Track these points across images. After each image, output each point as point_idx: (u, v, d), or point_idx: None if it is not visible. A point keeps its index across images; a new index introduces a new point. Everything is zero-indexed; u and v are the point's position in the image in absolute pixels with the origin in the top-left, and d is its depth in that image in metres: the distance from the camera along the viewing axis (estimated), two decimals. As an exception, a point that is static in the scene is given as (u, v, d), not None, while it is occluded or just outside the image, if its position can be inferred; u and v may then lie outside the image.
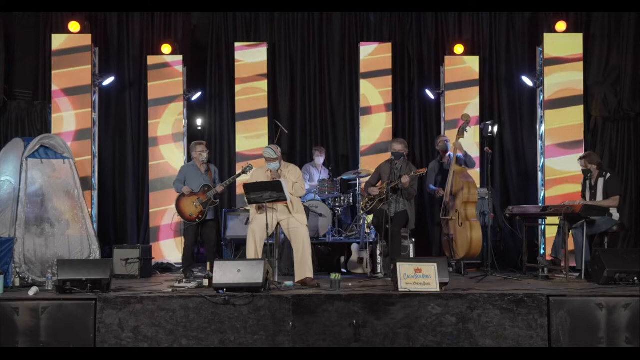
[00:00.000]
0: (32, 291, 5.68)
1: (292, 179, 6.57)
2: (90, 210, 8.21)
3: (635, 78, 9.01)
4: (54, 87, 8.85)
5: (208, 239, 7.49)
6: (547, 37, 8.93)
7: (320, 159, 8.83)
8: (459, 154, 7.73)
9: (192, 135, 9.37)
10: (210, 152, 9.38)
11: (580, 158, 7.44)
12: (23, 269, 6.57)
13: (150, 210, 9.10)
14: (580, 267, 6.80)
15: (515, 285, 6.29)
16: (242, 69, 9.34)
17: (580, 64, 8.92)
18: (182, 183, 7.37)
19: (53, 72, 8.86)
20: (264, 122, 9.31)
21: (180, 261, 8.50)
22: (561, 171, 8.79)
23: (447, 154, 7.96)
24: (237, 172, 7.48)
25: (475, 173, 8.91)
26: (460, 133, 7.67)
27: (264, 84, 9.36)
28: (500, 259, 7.60)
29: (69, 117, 8.80)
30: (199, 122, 9.50)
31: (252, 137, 9.26)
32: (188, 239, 7.44)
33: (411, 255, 7.68)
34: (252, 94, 9.31)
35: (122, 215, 9.45)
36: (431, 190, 8.05)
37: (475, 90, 9.23)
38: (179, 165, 9.04)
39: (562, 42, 8.92)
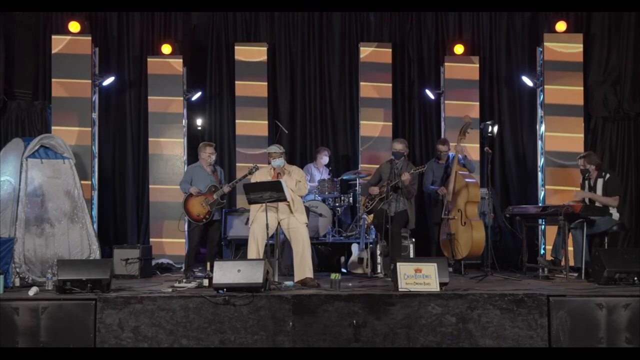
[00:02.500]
0: (32, 291, 5.69)
1: (296, 177, 6.62)
2: (90, 210, 8.22)
3: (635, 78, 9.01)
4: (53, 87, 8.85)
5: (211, 239, 7.54)
6: (547, 37, 8.93)
7: (325, 159, 8.83)
8: (460, 156, 7.74)
9: (192, 136, 9.37)
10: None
11: (580, 157, 7.43)
12: (23, 269, 6.57)
13: (150, 211, 9.09)
14: (580, 267, 6.80)
15: (515, 285, 6.30)
16: (242, 69, 9.33)
17: (580, 64, 8.91)
18: (189, 184, 7.41)
19: (53, 72, 8.86)
20: (263, 122, 9.30)
21: (178, 260, 8.55)
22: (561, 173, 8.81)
23: (447, 154, 7.99)
24: (245, 173, 7.49)
25: (475, 173, 8.92)
26: (462, 134, 7.68)
27: (264, 84, 9.36)
28: (500, 259, 7.59)
29: (69, 117, 8.81)
30: (199, 122, 9.50)
31: (252, 137, 9.26)
32: (193, 239, 7.49)
33: (411, 255, 7.68)
34: (252, 94, 9.31)
35: (122, 215, 9.45)
36: (430, 190, 8.04)
37: (475, 90, 9.21)
38: (179, 166, 9.07)
39: (562, 42, 8.91)
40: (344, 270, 7.95)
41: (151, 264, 7.95)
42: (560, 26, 8.92)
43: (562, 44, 8.86)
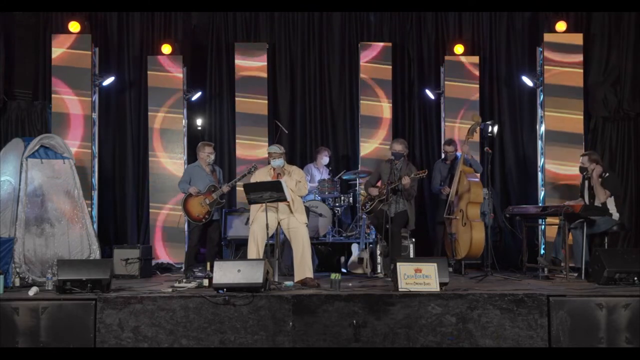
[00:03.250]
0: (32, 291, 5.69)
1: (296, 177, 6.62)
2: (90, 210, 8.21)
3: (635, 78, 9.01)
4: (53, 87, 8.85)
5: (211, 239, 7.56)
6: (547, 37, 8.93)
7: (325, 159, 8.83)
8: (467, 156, 7.75)
9: (192, 136, 9.37)
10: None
11: (583, 155, 7.40)
12: (23, 269, 6.57)
13: (150, 211, 9.10)
14: (580, 267, 6.80)
15: (515, 285, 6.30)
16: (242, 69, 9.33)
17: (580, 64, 8.91)
18: (188, 184, 7.42)
19: (53, 72, 8.85)
20: (264, 122, 9.30)
21: (179, 261, 8.55)
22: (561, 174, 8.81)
23: (454, 154, 8.00)
24: (243, 173, 7.51)
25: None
26: (470, 133, 7.69)
27: (263, 84, 9.35)
28: (500, 259, 7.59)
29: (69, 117, 8.82)
30: (198, 122, 9.50)
31: (252, 138, 9.25)
32: (193, 239, 7.51)
33: (411, 255, 7.69)
34: (251, 94, 9.31)
35: (122, 215, 9.45)
36: (436, 190, 8.07)
37: (475, 90, 9.21)
38: (179, 166, 9.07)
39: (562, 42, 8.91)
40: (344, 270, 7.95)
41: (151, 264, 7.97)
42: (560, 26, 8.92)
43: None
